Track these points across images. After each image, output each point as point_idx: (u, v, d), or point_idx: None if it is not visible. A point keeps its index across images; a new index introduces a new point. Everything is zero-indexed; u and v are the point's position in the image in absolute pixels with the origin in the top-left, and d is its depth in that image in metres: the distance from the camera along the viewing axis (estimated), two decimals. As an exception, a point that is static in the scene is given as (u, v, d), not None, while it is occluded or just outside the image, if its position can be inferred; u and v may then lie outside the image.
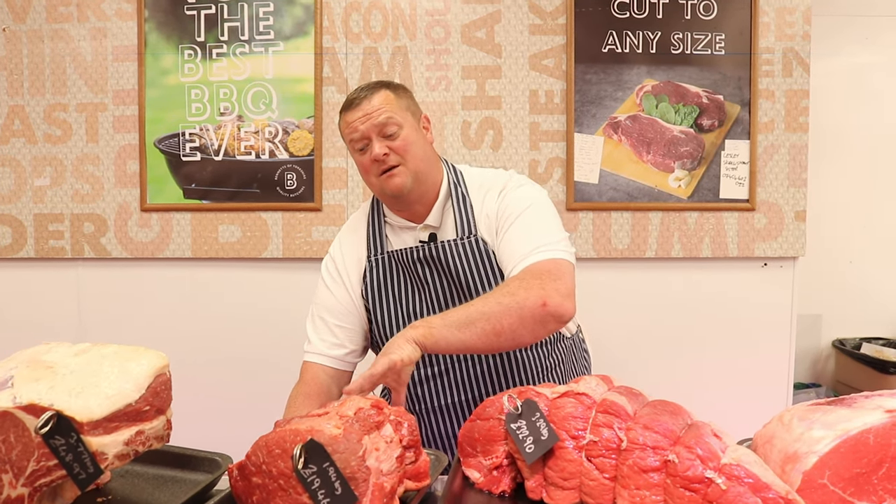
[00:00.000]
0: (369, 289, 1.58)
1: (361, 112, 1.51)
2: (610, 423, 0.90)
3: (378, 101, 1.52)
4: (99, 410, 0.86)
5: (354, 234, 1.67)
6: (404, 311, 1.57)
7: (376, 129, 1.50)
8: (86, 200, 2.69)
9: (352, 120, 1.52)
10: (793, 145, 2.66)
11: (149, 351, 0.96)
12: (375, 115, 1.50)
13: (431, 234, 1.58)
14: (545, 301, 1.33)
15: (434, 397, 1.56)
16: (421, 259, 1.56)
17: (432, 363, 1.56)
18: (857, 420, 0.91)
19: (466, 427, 1.01)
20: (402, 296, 1.58)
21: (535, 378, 1.57)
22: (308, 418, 0.91)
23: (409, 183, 1.52)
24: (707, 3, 2.64)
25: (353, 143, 1.53)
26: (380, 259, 1.59)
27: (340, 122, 1.57)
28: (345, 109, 1.55)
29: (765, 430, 1.01)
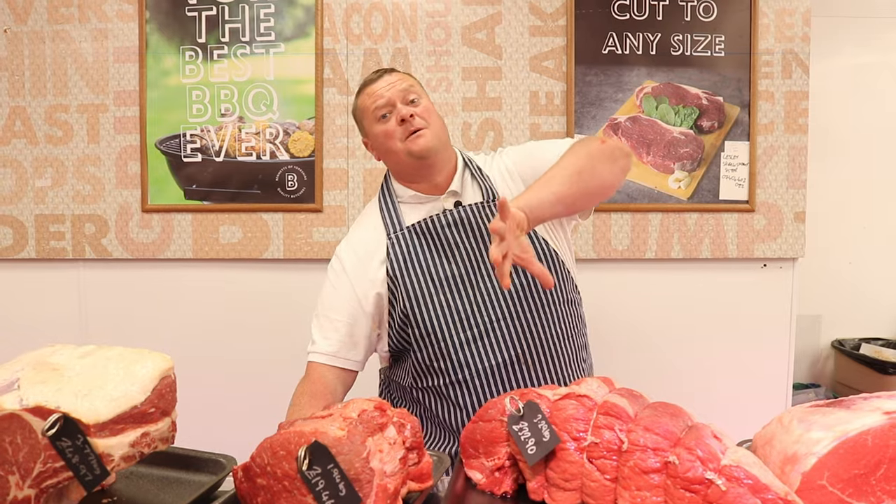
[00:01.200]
0: (395, 264, 1.58)
1: (385, 82, 1.60)
2: (611, 424, 0.91)
3: (399, 75, 1.63)
4: (105, 412, 0.86)
5: (363, 228, 1.69)
6: (435, 280, 1.57)
7: (400, 95, 1.58)
8: (87, 201, 2.70)
9: (375, 90, 1.60)
10: (792, 147, 2.67)
11: (153, 353, 0.97)
12: (398, 83, 1.59)
13: (457, 202, 1.63)
14: (601, 140, 1.52)
15: (478, 359, 1.55)
16: (451, 223, 1.59)
17: (472, 325, 1.55)
18: (856, 422, 0.92)
19: (469, 428, 1.02)
20: (431, 265, 1.58)
21: (564, 336, 1.60)
22: (312, 420, 0.92)
23: (434, 144, 1.58)
24: (707, 4, 2.65)
25: (377, 111, 1.59)
26: (401, 235, 1.61)
27: (359, 99, 1.64)
28: (365, 85, 1.63)
29: (764, 431, 1.02)
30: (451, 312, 1.55)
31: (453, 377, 1.56)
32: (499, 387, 1.54)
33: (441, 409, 1.60)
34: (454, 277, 1.57)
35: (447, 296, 1.56)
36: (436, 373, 1.58)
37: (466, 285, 1.56)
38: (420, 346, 1.58)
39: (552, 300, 1.59)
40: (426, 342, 1.57)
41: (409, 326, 1.58)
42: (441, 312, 1.55)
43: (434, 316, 1.55)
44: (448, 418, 1.59)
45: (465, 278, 1.56)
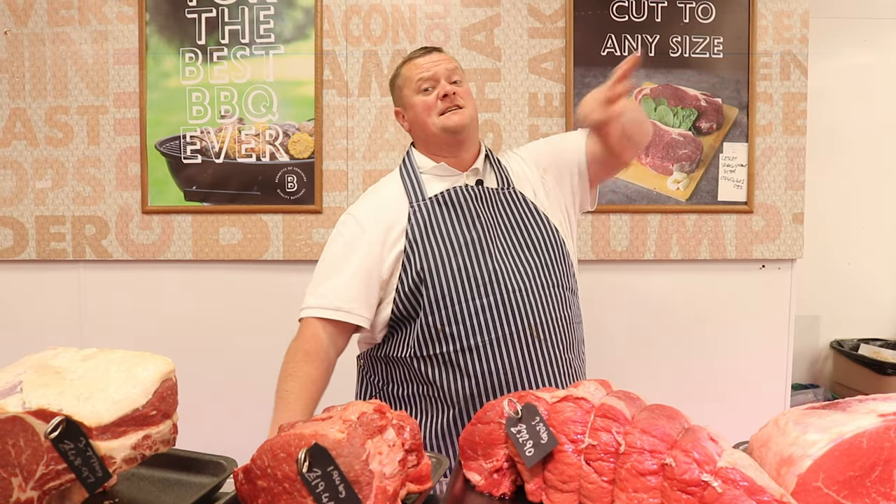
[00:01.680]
0: (416, 229, 1.62)
1: (435, 58, 1.70)
2: (608, 427, 0.92)
3: (445, 55, 1.73)
4: (107, 415, 0.87)
5: (382, 196, 1.72)
6: (455, 244, 1.61)
7: (446, 74, 1.67)
8: (87, 203, 2.71)
9: (424, 62, 1.69)
10: (790, 148, 2.68)
11: (155, 356, 0.98)
12: (446, 62, 1.70)
13: (478, 180, 1.71)
14: None
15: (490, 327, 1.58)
16: (475, 196, 1.66)
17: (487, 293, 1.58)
18: (851, 424, 0.92)
19: (467, 430, 1.03)
20: (452, 230, 1.62)
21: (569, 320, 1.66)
22: (312, 422, 0.93)
23: (468, 122, 1.66)
24: (705, 6, 2.66)
25: (420, 83, 1.67)
26: (424, 204, 1.65)
27: (403, 68, 1.73)
28: (412, 58, 1.72)
29: (761, 433, 1.03)
30: (469, 277, 1.58)
31: (464, 343, 1.56)
32: (506, 358, 1.55)
33: (445, 378, 1.59)
34: (474, 242, 1.61)
35: (466, 260, 1.59)
36: (446, 338, 1.58)
37: (486, 252, 1.61)
38: (432, 310, 1.59)
39: (561, 283, 1.65)
40: (440, 304, 1.58)
41: (424, 288, 1.59)
42: (459, 276, 1.58)
43: (452, 278, 1.58)
44: (451, 387, 1.58)
45: (485, 245, 1.61)
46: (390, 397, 1.74)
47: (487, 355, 1.56)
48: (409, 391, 1.68)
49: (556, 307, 1.62)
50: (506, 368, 1.54)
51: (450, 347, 1.58)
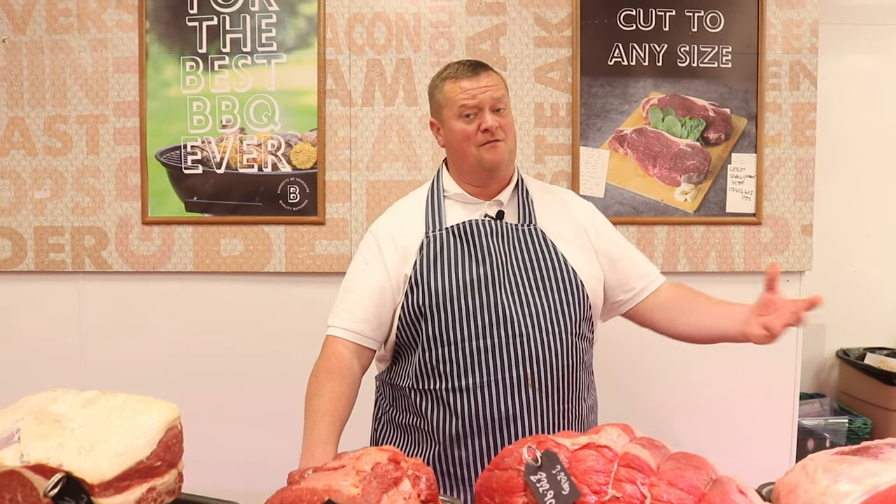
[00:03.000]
0: (424, 260, 1.60)
1: (483, 83, 1.59)
2: (633, 478, 0.88)
3: (496, 79, 1.63)
4: (109, 470, 0.83)
5: (406, 215, 1.70)
6: (461, 281, 1.58)
7: (490, 103, 1.59)
8: (86, 213, 2.67)
9: (470, 87, 1.59)
10: (799, 159, 2.64)
11: (158, 401, 0.94)
12: (493, 89, 1.60)
13: (500, 211, 1.67)
14: None
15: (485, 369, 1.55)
16: (492, 231, 1.62)
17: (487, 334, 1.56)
18: (886, 475, 0.89)
19: (484, 476, 0.99)
20: (461, 265, 1.59)
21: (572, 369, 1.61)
22: (325, 473, 0.89)
23: (506, 158, 1.62)
24: (714, 15, 2.62)
25: (463, 109, 1.59)
26: (438, 234, 1.63)
27: (447, 85, 1.63)
28: (459, 76, 1.61)
29: (788, 478, 0.99)
30: (469, 317, 1.55)
31: (456, 383, 1.54)
32: (496, 403, 1.53)
33: (434, 414, 1.58)
34: (480, 280, 1.58)
35: (469, 298, 1.56)
36: (439, 375, 1.57)
37: (492, 291, 1.57)
38: (429, 346, 1.57)
39: (569, 329, 1.59)
40: (437, 341, 1.56)
41: (423, 322, 1.58)
42: (459, 315, 1.56)
43: (451, 317, 1.56)
44: (439, 423, 1.57)
45: (493, 283, 1.58)
46: (393, 423, 1.73)
47: (477, 397, 1.53)
48: (406, 420, 1.67)
49: (557, 354, 1.57)
50: (494, 413, 1.52)
51: (442, 385, 1.56)
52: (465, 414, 1.54)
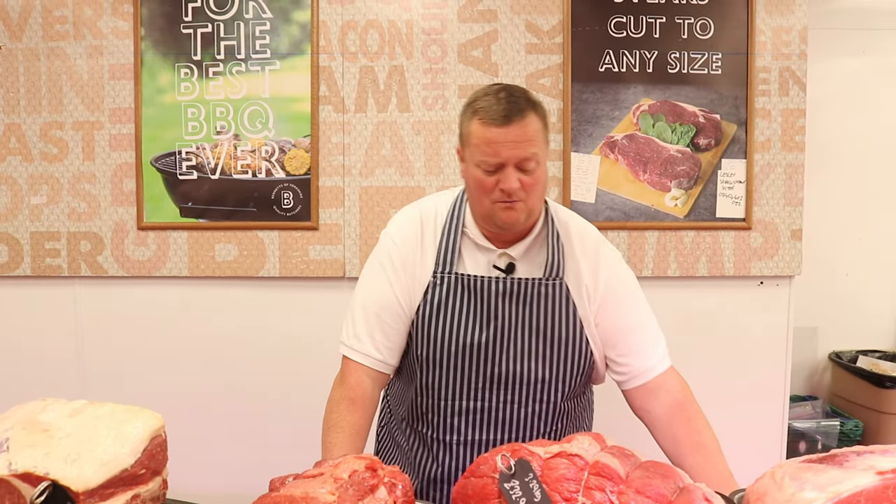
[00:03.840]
0: (428, 308, 1.51)
1: (512, 136, 1.39)
2: (602, 486, 0.91)
3: (532, 129, 1.41)
4: (95, 478, 0.86)
5: (429, 231, 1.56)
6: (460, 344, 1.50)
7: (517, 160, 1.41)
8: (82, 219, 2.69)
9: (497, 139, 1.39)
10: (789, 164, 2.67)
11: (144, 411, 0.96)
12: (524, 146, 1.40)
13: (510, 264, 1.54)
14: None
15: (470, 431, 1.53)
16: (500, 292, 1.50)
17: (478, 398, 1.50)
18: (848, 483, 0.91)
19: (460, 484, 1.02)
20: (462, 327, 1.50)
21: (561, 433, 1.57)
22: (303, 480, 0.91)
23: (522, 219, 1.47)
24: (704, 22, 2.64)
25: (485, 162, 1.42)
26: (446, 279, 1.51)
27: (473, 125, 1.43)
28: (489, 121, 1.40)
29: (757, 485, 1.02)
30: (464, 380, 1.50)
31: (442, 436, 1.54)
32: None
33: (417, 452, 1.59)
34: (484, 345, 1.49)
35: (468, 361, 1.49)
36: (428, 423, 1.56)
37: (491, 358, 1.49)
38: (421, 393, 1.55)
39: (567, 394, 1.55)
40: (429, 392, 1.53)
41: (419, 371, 1.53)
42: (455, 374, 1.50)
43: (447, 374, 1.51)
44: (419, 462, 1.58)
45: (495, 349, 1.49)
46: (392, 437, 1.73)
47: (460, 454, 1.53)
48: (394, 440, 1.68)
49: (549, 419, 1.54)
50: None
51: (429, 431, 1.56)
52: (444, 464, 1.54)
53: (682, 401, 1.55)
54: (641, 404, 1.57)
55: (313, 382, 2.67)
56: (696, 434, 1.49)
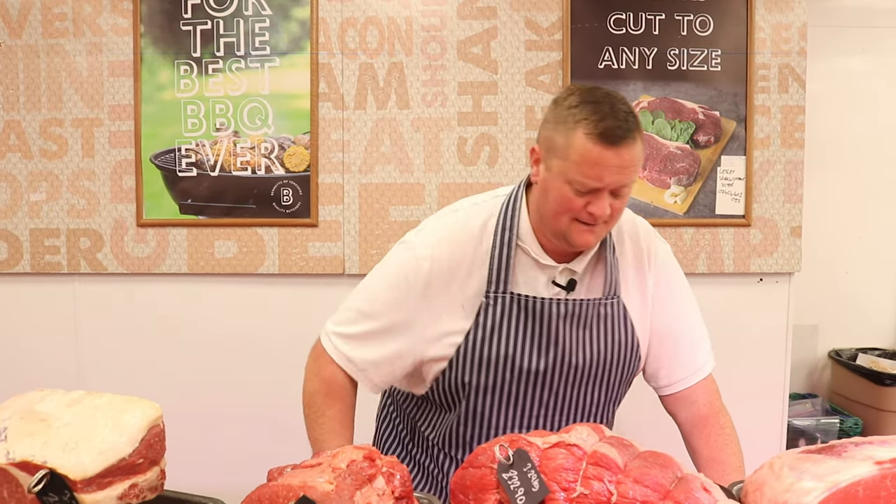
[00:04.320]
0: (480, 332, 1.36)
1: (620, 159, 1.25)
2: (600, 475, 0.91)
3: (639, 151, 1.29)
4: (92, 467, 0.86)
5: (470, 248, 1.40)
6: (516, 370, 1.38)
7: (615, 185, 1.28)
8: (82, 216, 2.69)
9: (604, 162, 1.24)
10: (788, 161, 2.67)
11: (142, 401, 0.97)
12: (629, 171, 1.28)
13: (571, 280, 1.41)
14: None
15: None
16: (561, 315, 1.38)
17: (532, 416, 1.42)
18: (847, 472, 0.91)
19: (458, 475, 1.02)
20: (519, 352, 1.38)
21: None
22: (301, 470, 0.92)
23: (596, 242, 1.37)
24: (703, 19, 2.64)
25: (583, 183, 1.27)
26: (501, 298, 1.37)
27: (577, 138, 1.26)
28: (600, 139, 1.24)
29: (756, 476, 1.02)
30: (518, 408, 1.41)
31: None
32: None
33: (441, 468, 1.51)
34: (539, 373, 1.38)
35: (522, 390, 1.40)
36: (470, 450, 1.42)
37: (548, 385, 1.40)
38: (466, 422, 1.43)
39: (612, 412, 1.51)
40: (475, 423, 1.42)
41: (465, 399, 1.41)
42: (507, 405, 1.40)
43: (498, 405, 1.40)
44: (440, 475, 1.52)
45: (553, 376, 1.40)
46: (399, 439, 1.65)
47: None
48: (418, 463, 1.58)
49: None
50: None
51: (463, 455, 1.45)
52: None
53: (707, 415, 1.51)
54: (667, 407, 1.56)
55: (312, 379, 2.67)
56: (715, 450, 1.47)
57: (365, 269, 2.64)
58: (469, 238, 1.41)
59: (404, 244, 1.47)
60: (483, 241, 1.40)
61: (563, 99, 1.33)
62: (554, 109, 1.34)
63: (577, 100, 1.29)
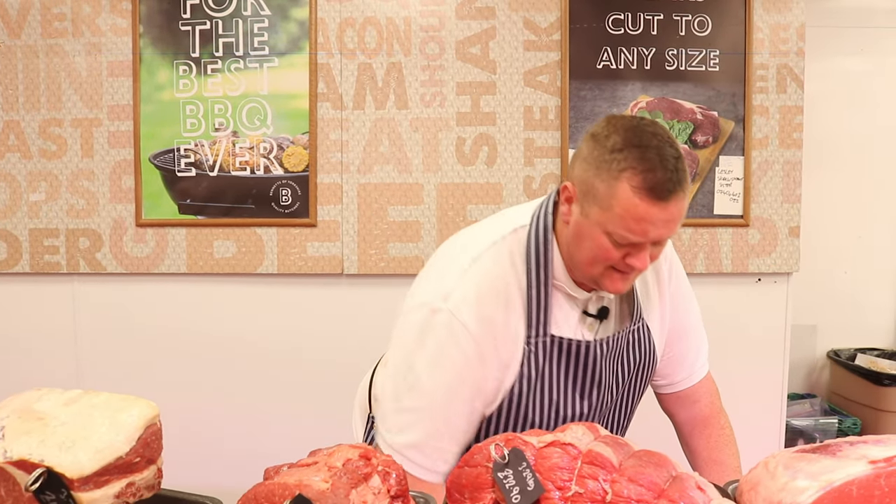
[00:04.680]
0: (525, 380, 1.28)
1: (666, 215, 1.16)
2: (595, 474, 0.91)
3: (683, 206, 1.19)
4: (89, 465, 0.87)
5: (502, 294, 1.28)
6: (560, 417, 1.32)
7: (660, 239, 1.20)
8: (81, 216, 2.70)
9: (651, 218, 1.15)
10: (787, 161, 2.67)
11: (139, 400, 0.97)
12: (674, 225, 1.19)
13: (603, 308, 1.35)
14: None
15: None
16: (602, 355, 1.33)
17: None
18: (841, 471, 0.92)
19: (455, 473, 1.02)
20: (562, 398, 1.32)
21: None
22: (297, 469, 0.92)
23: (629, 288, 1.29)
24: (701, 19, 2.65)
25: (624, 238, 1.18)
26: (542, 343, 1.28)
27: (621, 189, 1.15)
28: (648, 193, 1.13)
29: (751, 475, 1.02)
30: None
31: None
32: None
33: None
34: (582, 415, 1.34)
35: None
36: None
37: (585, 420, 1.35)
38: None
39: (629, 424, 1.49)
40: None
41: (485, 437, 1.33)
42: None
43: None
44: None
45: (594, 416, 1.36)
46: None
47: None
48: None
49: None
50: None
51: None
52: None
53: (708, 416, 1.51)
54: (666, 407, 1.56)
55: (310, 378, 2.69)
56: (715, 451, 1.47)
57: (363, 268, 2.65)
58: (503, 286, 1.29)
59: (436, 313, 1.27)
60: (515, 285, 1.29)
61: (605, 137, 1.20)
62: (593, 147, 1.21)
63: (621, 142, 1.17)
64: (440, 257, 1.41)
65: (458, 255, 1.34)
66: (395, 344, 1.34)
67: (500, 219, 1.40)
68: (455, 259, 1.34)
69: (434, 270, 1.37)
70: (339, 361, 2.58)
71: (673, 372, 1.51)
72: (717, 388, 1.59)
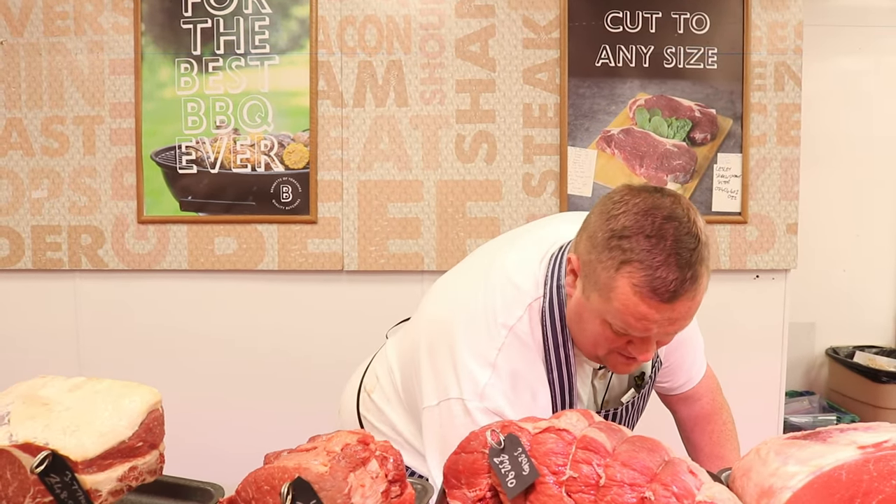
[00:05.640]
0: None
1: (672, 314, 1.08)
2: (589, 459, 0.93)
3: (700, 298, 1.11)
4: (93, 449, 0.88)
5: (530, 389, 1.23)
6: None
7: (661, 337, 1.15)
8: (83, 212, 2.72)
9: (654, 317, 1.07)
10: (784, 158, 2.69)
11: (141, 386, 0.99)
12: (681, 323, 1.11)
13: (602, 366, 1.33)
14: None
15: None
16: (635, 410, 1.37)
17: None
18: (830, 456, 0.93)
19: (451, 459, 1.04)
20: None
21: None
22: (297, 454, 0.94)
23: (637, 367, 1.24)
24: (699, 17, 2.66)
25: (625, 330, 1.11)
26: None
27: (621, 283, 1.06)
28: (652, 295, 1.05)
29: (743, 461, 1.04)
30: None
31: None
32: None
33: None
34: None
35: None
36: None
37: None
38: None
39: None
40: None
41: None
42: None
43: None
44: None
45: None
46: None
47: None
48: None
49: None
50: None
51: None
52: None
53: (710, 412, 1.53)
54: (668, 404, 1.57)
55: (311, 374, 2.70)
56: (717, 446, 1.49)
57: (364, 265, 2.67)
58: (527, 369, 1.22)
59: (464, 403, 1.21)
60: (536, 359, 1.22)
61: (614, 216, 1.08)
62: (600, 224, 1.10)
63: (632, 226, 1.05)
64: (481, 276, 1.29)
65: (498, 311, 1.23)
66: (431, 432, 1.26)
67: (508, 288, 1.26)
68: (492, 308, 1.24)
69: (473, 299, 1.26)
70: (339, 357, 2.59)
71: (672, 378, 1.51)
72: (717, 383, 1.61)
